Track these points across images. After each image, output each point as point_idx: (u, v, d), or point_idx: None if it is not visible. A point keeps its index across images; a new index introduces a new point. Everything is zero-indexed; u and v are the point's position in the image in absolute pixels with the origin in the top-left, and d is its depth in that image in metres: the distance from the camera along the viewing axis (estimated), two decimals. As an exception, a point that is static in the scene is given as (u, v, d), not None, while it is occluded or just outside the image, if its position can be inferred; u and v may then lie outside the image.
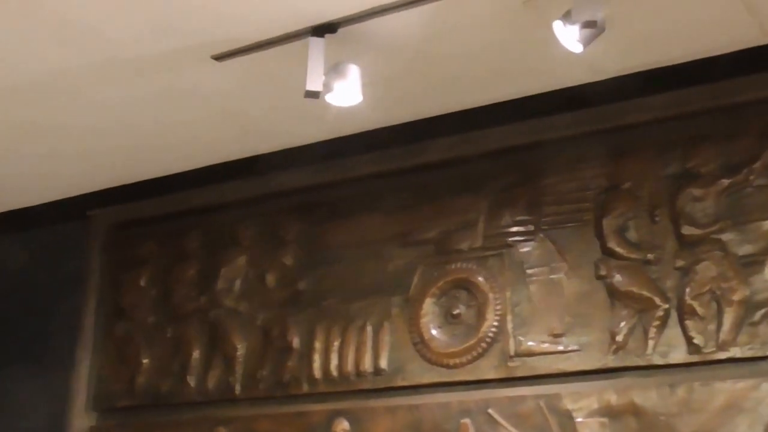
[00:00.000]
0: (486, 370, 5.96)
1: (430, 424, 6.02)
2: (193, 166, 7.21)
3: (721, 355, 5.34)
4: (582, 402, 5.61)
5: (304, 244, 6.84)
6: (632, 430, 5.45)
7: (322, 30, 5.33)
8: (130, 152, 6.98)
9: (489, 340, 5.97)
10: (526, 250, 6.02)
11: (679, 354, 5.46)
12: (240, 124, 6.54)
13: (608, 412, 5.54)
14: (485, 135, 6.24)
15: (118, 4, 5.21)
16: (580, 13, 4.61)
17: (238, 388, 6.80)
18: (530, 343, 5.86)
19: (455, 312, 6.14)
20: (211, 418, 6.84)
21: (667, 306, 5.54)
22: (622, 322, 5.63)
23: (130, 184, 7.52)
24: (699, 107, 5.67)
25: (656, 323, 5.53)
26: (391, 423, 6.15)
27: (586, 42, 4.83)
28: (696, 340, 5.42)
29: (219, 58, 5.68)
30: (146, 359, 7.23)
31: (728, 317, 5.36)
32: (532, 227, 6.03)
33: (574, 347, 5.73)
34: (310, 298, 6.69)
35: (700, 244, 5.52)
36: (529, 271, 5.97)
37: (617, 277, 5.69)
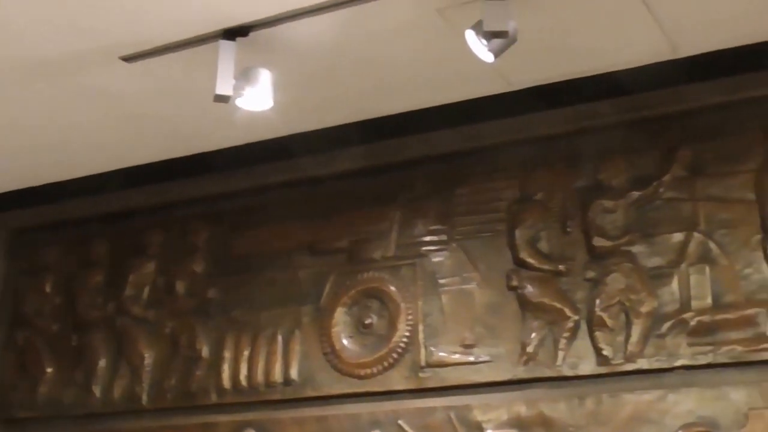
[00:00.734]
0: (396, 380, 5.93)
1: (339, 436, 5.99)
2: (100, 170, 7.06)
3: (629, 367, 5.38)
4: (492, 413, 5.61)
5: (214, 252, 6.77)
6: (541, 441, 5.48)
7: (233, 33, 5.26)
8: (34, 154, 6.81)
9: (400, 351, 5.94)
10: (439, 260, 6.01)
11: (588, 365, 5.49)
12: (149, 128, 6.42)
13: (518, 423, 5.54)
14: (398, 144, 6.22)
15: (25, 0, 5.08)
16: (491, 23, 4.60)
17: (145, 399, 6.68)
18: (441, 354, 5.84)
19: (366, 322, 6.11)
20: (117, 430, 6.72)
21: (577, 317, 5.56)
22: (533, 334, 5.64)
23: (34, 188, 7.34)
24: (610, 120, 5.72)
25: (566, 334, 5.56)
26: (299, 434, 6.11)
27: (497, 52, 4.83)
28: (605, 352, 5.45)
29: (128, 59, 5.57)
30: (50, 368, 7.07)
31: (636, 329, 5.41)
32: (445, 237, 6.02)
33: (485, 358, 5.73)
34: (220, 306, 6.62)
35: (610, 255, 5.56)
36: (441, 282, 5.96)
37: (528, 288, 5.71)
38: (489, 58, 4.89)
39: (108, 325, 6.97)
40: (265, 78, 5.33)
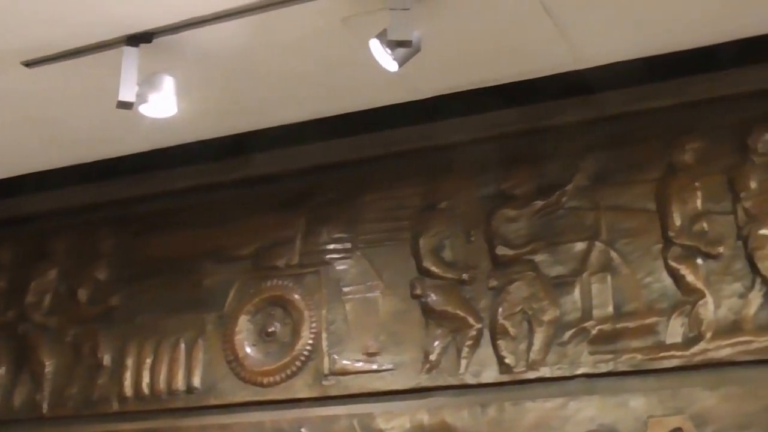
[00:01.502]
0: (300, 388, 5.92)
1: (242, 444, 5.95)
2: (4, 174, 6.92)
3: (531, 375, 5.43)
4: (395, 421, 5.62)
5: (118, 258, 6.71)
6: (444, 449, 5.50)
7: (137, 39, 5.18)
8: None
9: (303, 359, 5.93)
10: (343, 267, 6.01)
11: (490, 373, 5.52)
12: (52, 133, 6.30)
13: (420, 431, 5.55)
14: (303, 151, 6.23)
15: None
16: (395, 33, 4.60)
17: (46, 407, 6.58)
18: (345, 362, 5.84)
19: (270, 329, 6.08)
20: (16, 438, 6.61)
21: (480, 326, 5.59)
22: (436, 342, 5.66)
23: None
24: (515, 129, 5.78)
25: (469, 343, 5.59)
26: (202, 442, 6.06)
27: (402, 61, 4.83)
28: (507, 360, 5.49)
29: (30, 64, 5.47)
30: (-52, 375, 6.94)
31: (538, 337, 5.46)
32: (349, 245, 6.03)
33: (388, 366, 5.74)
34: (123, 313, 6.55)
35: (513, 264, 5.60)
36: (346, 289, 5.97)
37: (432, 297, 5.73)
38: (393, 67, 4.89)
39: (9, 331, 6.87)
40: (168, 85, 5.27)
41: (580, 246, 5.51)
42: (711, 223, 5.33)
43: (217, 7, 4.99)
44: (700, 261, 5.29)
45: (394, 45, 4.72)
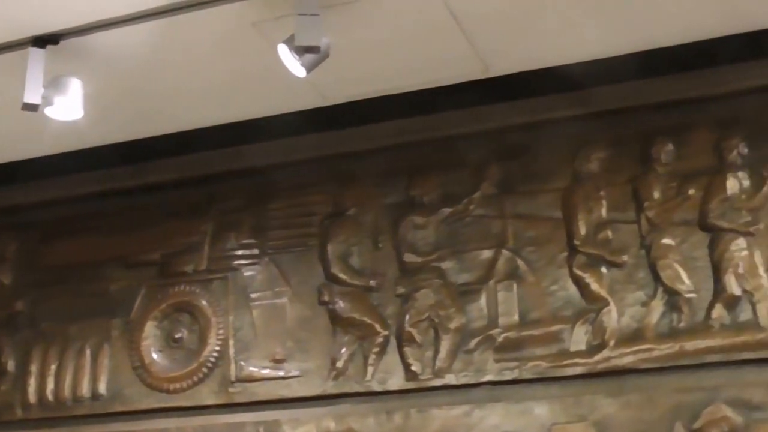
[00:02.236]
0: (206, 395, 5.89)
1: (146, 451, 5.90)
2: None
3: (437, 382, 5.46)
4: (301, 429, 5.62)
5: (23, 263, 6.60)
6: (349, 456, 5.50)
7: (43, 41, 5.11)
8: None
9: (210, 365, 5.89)
10: (251, 274, 5.98)
11: (396, 381, 5.54)
12: (-44, 135, 6.21)
13: (327, 438, 5.57)
14: (211, 156, 6.18)
15: None
16: (303, 38, 4.59)
17: (-53, 415, 6.46)
18: (251, 369, 5.82)
19: (177, 336, 6.04)
20: None
21: (387, 333, 5.61)
22: (343, 349, 5.66)
23: None
24: (422, 137, 5.79)
25: (376, 350, 5.60)
26: (106, 449, 5.99)
27: (310, 67, 4.82)
28: (413, 367, 5.51)
29: (-69, 64, 5.38)
30: None
31: (444, 345, 5.48)
32: (257, 251, 6.00)
33: (295, 373, 5.73)
34: (27, 319, 6.45)
35: (421, 271, 5.63)
36: (253, 296, 5.94)
37: (339, 304, 5.73)
38: (301, 72, 4.88)
39: None
40: (75, 87, 5.20)
41: (487, 254, 5.55)
42: (615, 232, 5.40)
43: (126, 9, 4.95)
44: (604, 269, 5.36)
45: (301, 50, 4.71)
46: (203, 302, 6.00)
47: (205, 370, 5.89)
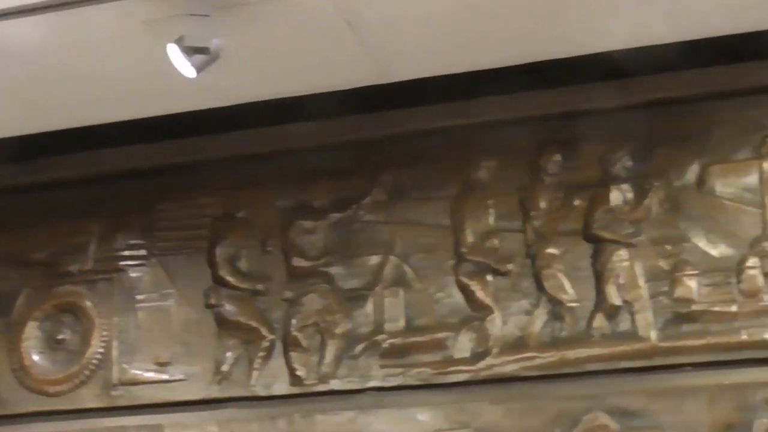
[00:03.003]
0: (88, 398, 5.81)
1: (25, 455, 5.79)
2: None
3: (322, 388, 5.46)
4: (184, 433, 5.57)
5: None
6: (232, 461, 5.47)
7: (-69, 32, 5.02)
8: None
9: (93, 368, 5.81)
10: (137, 275, 5.92)
11: (281, 385, 5.53)
12: None
13: (210, 443, 5.52)
14: (102, 156, 6.09)
15: None
16: (193, 39, 4.56)
17: None
18: (135, 372, 5.76)
19: (59, 337, 5.94)
20: None
21: (272, 337, 5.59)
22: (228, 353, 5.63)
23: None
24: (315, 142, 5.78)
25: (261, 354, 5.58)
26: (-16, 454, 5.87)
27: (200, 67, 4.77)
28: (299, 372, 5.51)
29: None
30: None
31: (330, 350, 5.49)
32: (145, 252, 5.94)
33: (180, 376, 5.69)
34: None
35: (308, 276, 5.62)
36: (139, 297, 5.88)
37: (226, 307, 5.70)
38: (191, 73, 4.83)
39: None
40: (-37, 81, 5.12)
41: (375, 260, 5.57)
42: (502, 241, 5.46)
43: (17, 1, 4.85)
44: (489, 277, 5.41)
45: (191, 51, 4.67)
46: (87, 303, 5.92)
47: (87, 372, 5.81)
